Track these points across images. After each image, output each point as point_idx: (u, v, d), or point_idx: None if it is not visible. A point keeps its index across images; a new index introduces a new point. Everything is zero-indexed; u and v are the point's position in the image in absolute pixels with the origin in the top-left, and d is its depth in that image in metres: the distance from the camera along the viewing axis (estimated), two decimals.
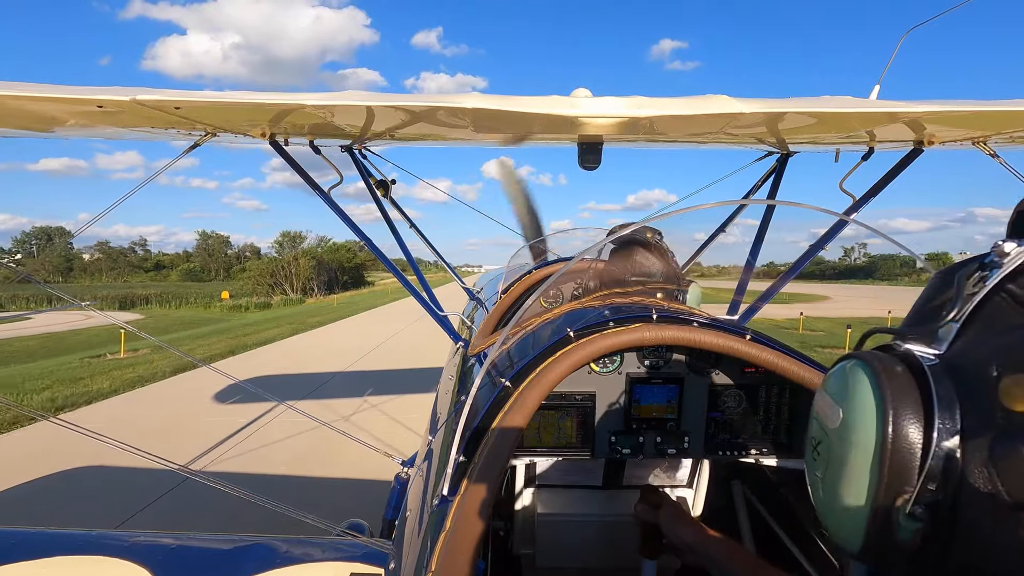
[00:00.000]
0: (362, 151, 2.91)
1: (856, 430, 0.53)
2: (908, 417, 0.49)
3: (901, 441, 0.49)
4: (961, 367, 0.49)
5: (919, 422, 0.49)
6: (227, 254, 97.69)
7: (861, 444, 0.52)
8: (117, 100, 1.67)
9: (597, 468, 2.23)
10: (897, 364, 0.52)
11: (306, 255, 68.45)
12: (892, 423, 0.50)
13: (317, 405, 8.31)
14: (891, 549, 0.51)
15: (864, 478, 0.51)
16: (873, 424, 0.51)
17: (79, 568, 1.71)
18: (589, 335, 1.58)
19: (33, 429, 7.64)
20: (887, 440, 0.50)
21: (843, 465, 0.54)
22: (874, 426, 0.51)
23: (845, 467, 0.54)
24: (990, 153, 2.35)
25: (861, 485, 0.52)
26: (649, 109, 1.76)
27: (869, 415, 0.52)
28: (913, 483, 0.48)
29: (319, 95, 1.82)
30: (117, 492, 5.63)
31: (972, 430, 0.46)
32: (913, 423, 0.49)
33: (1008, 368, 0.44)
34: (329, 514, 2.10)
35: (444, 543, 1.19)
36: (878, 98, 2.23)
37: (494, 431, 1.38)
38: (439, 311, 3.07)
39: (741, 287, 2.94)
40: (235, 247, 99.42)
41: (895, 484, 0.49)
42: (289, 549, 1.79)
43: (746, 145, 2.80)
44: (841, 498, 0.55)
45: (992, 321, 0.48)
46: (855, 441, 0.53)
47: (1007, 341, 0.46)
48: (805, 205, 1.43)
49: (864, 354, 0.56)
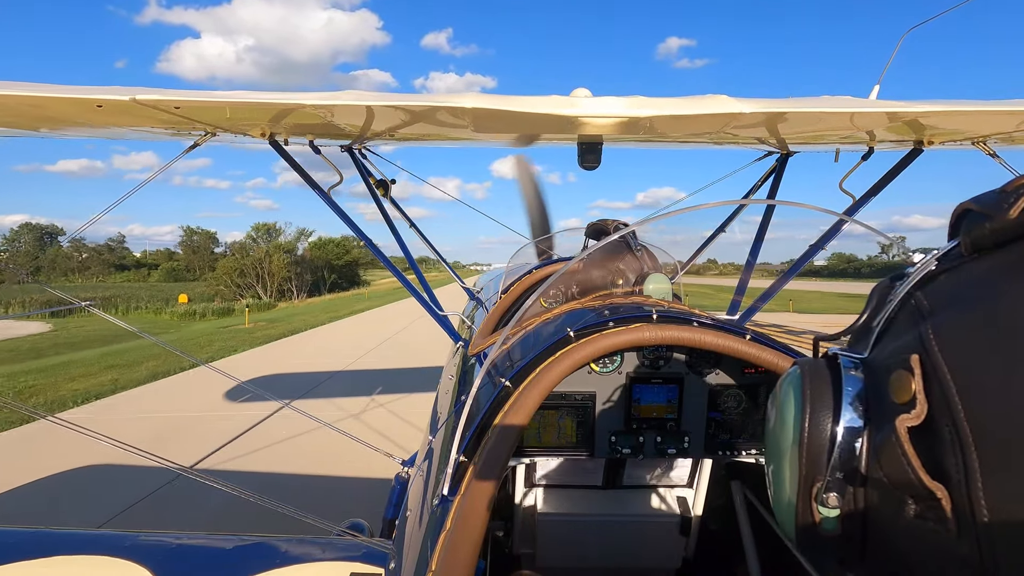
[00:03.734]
0: (362, 151, 2.91)
1: (783, 427, 0.58)
2: (822, 412, 0.54)
3: (814, 433, 0.54)
4: (872, 366, 0.54)
5: (830, 416, 0.53)
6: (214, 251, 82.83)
7: (788, 439, 0.57)
8: (116, 100, 1.67)
9: (597, 468, 2.24)
10: (823, 367, 0.57)
11: (281, 250, 58.23)
12: (808, 417, 0.54)
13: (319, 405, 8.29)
14: (818, 537, 0.55)
15: (794, 471, 0.56)
16: (794, 420, 0.56)
17: (79, 568, 1.71)
18: (589, 335, 1.58)
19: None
20: (803, 433, 0.54)
21: (777, 461, 0.60)
22: (794, 422, 0.56)
23: (778, 462, 0.59)
24: (990, 153, 2.35)
25: (790, 478, 0.56)
26: (649, 109, 1.76)
27: (793, 412, 0.57)
28: (824, 472, 0.52)
29: (318, 95, 1.82)
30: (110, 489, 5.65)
31: (872, 421, 0.51)
32: (825, 416, 0.53)
33: (896, 364, 0.48)
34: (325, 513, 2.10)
35: (444, 543, 1.20)
36: (878, 98, 2.23)
37: (494, 431, 1.38)
38: (439, 311, 3.07)
39: (741, 287, 2.94)
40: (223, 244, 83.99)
41: (811, 474, 0.54)
42: (289, 549, 1.79)
43: (746, 145, 2.80)
44: (778, 492, 0.60)
45: (900, 326, 0.53)
46: (784, 437, 0.58)
47: (901, 342, 0.50)
48: (805, 205, 1.43)
49: (801, 360, 0.61)
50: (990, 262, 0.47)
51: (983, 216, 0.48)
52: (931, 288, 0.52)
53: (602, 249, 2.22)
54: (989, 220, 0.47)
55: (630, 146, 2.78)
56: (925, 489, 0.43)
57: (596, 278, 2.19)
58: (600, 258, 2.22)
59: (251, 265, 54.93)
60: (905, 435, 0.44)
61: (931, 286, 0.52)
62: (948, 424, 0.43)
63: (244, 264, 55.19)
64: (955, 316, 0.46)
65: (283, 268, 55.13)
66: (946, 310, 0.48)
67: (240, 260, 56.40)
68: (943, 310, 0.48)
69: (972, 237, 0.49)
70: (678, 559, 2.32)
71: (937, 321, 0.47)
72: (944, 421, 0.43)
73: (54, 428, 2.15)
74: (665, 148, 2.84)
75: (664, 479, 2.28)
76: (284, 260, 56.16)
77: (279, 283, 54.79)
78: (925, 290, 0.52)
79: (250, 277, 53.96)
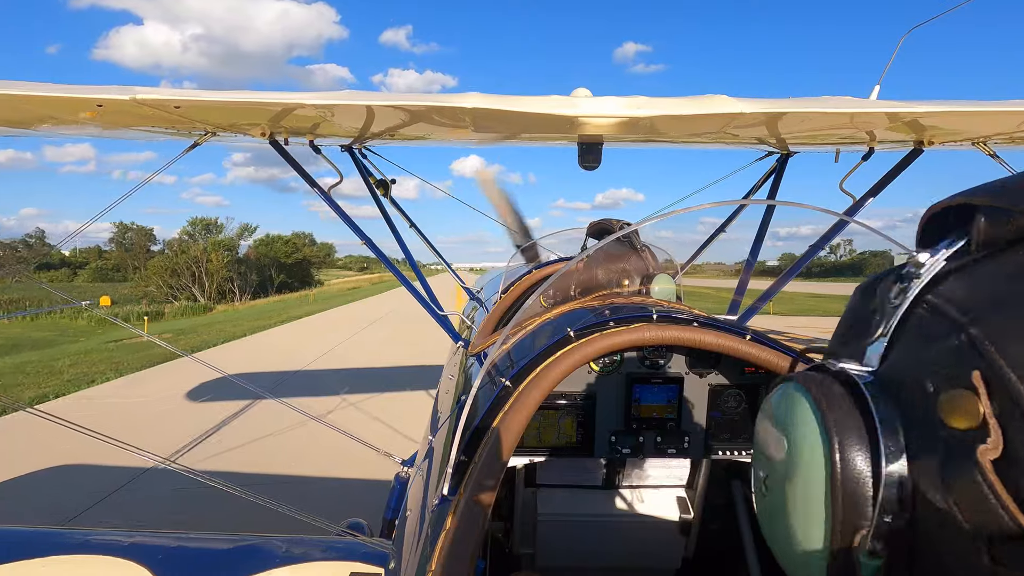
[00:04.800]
0: (362, 151, 2.91)
1: (804, 464, 0.51)
2: (854, 445, 0.47)
3: (850, 472, 0.46)
4: (897, 384, 0.47)
5: (865, 449, 0.46)
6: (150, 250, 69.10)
7: (812, 479, 0.49)
8: (117, 99, 1.68)
9: (597, 468, 2.24)
10: (834, 385, 0.51)
11: (220, 248, 51.90)
12: (839, 453, 0.47)
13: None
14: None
15: (819, 516, 0.49)
16: (821, 456, 0.49)
17: (79, 568, 1.71)
18: (589, 335, 1.58)
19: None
20: (835, 472, 0.47)
21: (795, 502, 0.52)
22: (822, 459, 0.48)
23: (797, 504, 0.51)
24: (990, 153, 2.35)
25: (816, 524, 0.49)
26: (649, 109, 1.76)
27: (815, 446, 0.49)
28: (869, 517, 0.46)
29: (319, 94, 1.82)
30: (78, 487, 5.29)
31: (918, 451, 0.44)
32: (860, 451, 0.47)
33: (943, 383, 0.42)
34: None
35: (444, 543, 1.19)
36: (878, 98, 2.23)
37: (494, 431, 1.38)
38: (439, 311, 3.07)
39: (741, 287, 2.94)
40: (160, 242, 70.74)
41: (850, 519, 0.46)
42: (289, 549, 1.78)
43: (746, 145, 2.81)
44: (797, 540, 0.52)
45: (917, 334, 0.47)
46: (804, 476, 0.50)
47: (935, 355, 0.44)
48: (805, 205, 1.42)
49: (802, 376, 0.54)
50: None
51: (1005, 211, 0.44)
52: (945, 290, 0.46)
53: (606, 249, 2.22)
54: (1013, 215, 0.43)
55: (630, 146, 2.78)
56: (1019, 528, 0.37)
57: (601, 277, 2.19)
58: (605, 258, 2.22)
59: (185, 264, 48.87)
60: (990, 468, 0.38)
61: (942, 287, 0.47)
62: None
63: (177, 263, 48.90)
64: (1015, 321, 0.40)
65: (223, 267, 49.60)
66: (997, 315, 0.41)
67: (173, 259, 50.24)
68: (991, 315, 0.41)
69: (988, 233, 0.45)
70: (678, 559, 2.32)
71: (992, 329, 0.40)
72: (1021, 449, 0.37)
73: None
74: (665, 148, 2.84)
75: (664, 479, 2.28)
76: (224, 259, 50.39)
77: (218, 284, 49.24)
78: (935, 292, 0.47)
79: (184, 277, 48.01)
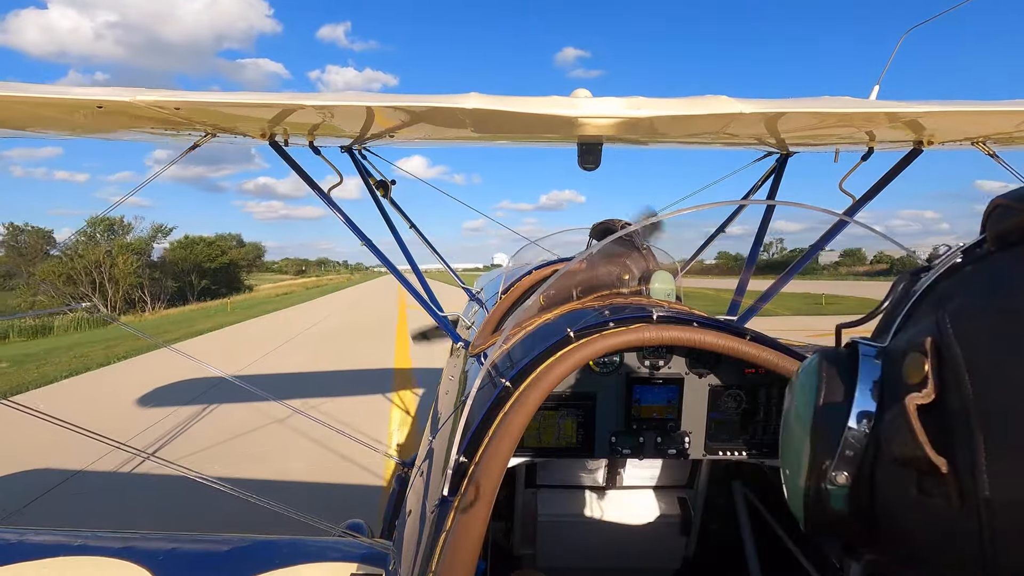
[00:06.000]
0: (362, 151, 2.91)
1: (797, 411, 0.60)
2: (835, 395, 0.56)
3: (826, 415, 0.55)
4: (891, 353, 0.55)
5: (843, 399, 0.55)
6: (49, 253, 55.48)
7: (801, 422, 0.59)
8: (117, 100, 1.68)
9: (597, 468, 2.24)
10: (843, 355, 0.59)
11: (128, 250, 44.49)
12: (822, 397, 0.56)
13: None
14: (826, 517, 0.56)
15: (804, 452, 0.57)
16: (808, 403, 0.58)
17: (79, 568, 1.71)
18: (589, 335, 1.58)
19: None
20: (816, 412, 0.56)
21: (791, 445, 0.61)
22: (811, 403, 0.58)
23: (792, 446, 0.61)
24: (989, 153, 2.35)
25: (801, 458, 0.58)
26: (648, 110, 1.76)
27: (809, 393, 0.58)
28: (834, 451, 0.54)
29: (320, 95, 1.83)
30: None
31: (887, 404, 0.52)
32: (837, 399, 0.55)
33: (911, 348, 0.50)
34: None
35: (444, 543, 1.19)
36: (878, 98, 2.23)
37: (494, 431, 1.38)
38: (439, 311, 3.07)
39: (741, 287, 2.94)
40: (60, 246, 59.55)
41: (820, 452, 0.55)
42: (289, 549, 1.79)
43: (746, 145, 2.81)
44: (789, 474, 0.61)
45: (920, 315, 0.54)
46: (797, 421, 0.60)
47: (919, 328, 0.52)
48: (805, 205, 1.43)
49: (824, 348, 0.62)
50: (1013, 254, 0.48)
51: (1012, 210, 0.49)
52: (954, 279, 0.53)
53: (607, 249, 2.23)
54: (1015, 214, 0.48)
55: (630, 147, 2.78)
56: (930, 463, 0.44)
57: (602, 277, 2.19)
58: (605, 258, 2.22)
59: (83, 269, 41.09)
60: (913, 411, 0.46)
61: (955, 277, 0.53)
62: (957, 405, 0.44)
63: (73, 269, 40.68)
64: (972, 303, 0.48)
65: (131, 273, 42.85)
66: (964, 297, 0.49)
67: (68, 264, 41.22)
68: (961, 297, 0.50)
69: (999, 231, 0.50)
70: (678, 559, 2.32)
71: (954, 307, 0.49)
72: (953, 402, 0.45)
73: None
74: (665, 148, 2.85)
75: (664, 479, 2.28)
76: (133, 263, 43.38)
77: (125, 291, 42.80)
78: (948, 281, 0.53)
79: (83, 285, 40.28)
